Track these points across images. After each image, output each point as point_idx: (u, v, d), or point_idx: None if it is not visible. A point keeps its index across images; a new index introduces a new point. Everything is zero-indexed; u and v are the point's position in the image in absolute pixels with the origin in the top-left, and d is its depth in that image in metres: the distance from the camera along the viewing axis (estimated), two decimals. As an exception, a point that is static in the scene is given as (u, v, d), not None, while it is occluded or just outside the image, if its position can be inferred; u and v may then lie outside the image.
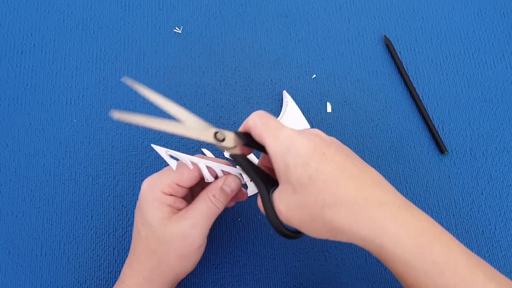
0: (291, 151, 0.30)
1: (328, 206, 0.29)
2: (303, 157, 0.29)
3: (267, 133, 0.31)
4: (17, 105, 0.47)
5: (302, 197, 0.29)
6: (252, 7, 0.51)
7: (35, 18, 0.50)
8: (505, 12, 0.52)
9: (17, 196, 0.44)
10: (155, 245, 0.34)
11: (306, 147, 0.30)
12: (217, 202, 0.35)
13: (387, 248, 0.28)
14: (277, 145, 0.31)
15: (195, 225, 0.34)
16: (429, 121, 0.47)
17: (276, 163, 0.31)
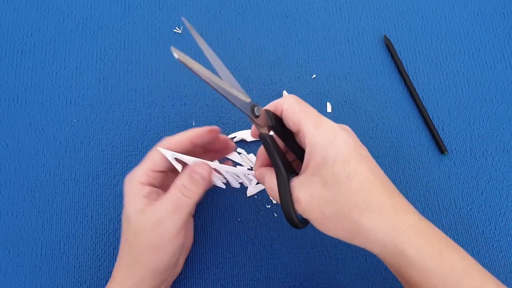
0: (334, 145, 0.29)
1: (359, 208, 0.29)
2: (344, 155, 0.29)
3: (307, 120, 0.30)
4: (17, 105, 0.47)
5: (332, 193, 0.29)
6: (252, 7, 0.51)
7: (35, 18, 0.50)
8: (505, 12, 0.52)
9: (17, 196, 0.44)
10: (132, 238, 0.34)
11: (347, 144, 0.30)
12: (187, 192, 0.34)
13: (408, 255, 0.29)
14: (318, 135, 0.30)
15: (166, 215, 0.33)
16: (429, 121, 0.47)
17: (313, 154, 0.30)
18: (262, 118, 0.32)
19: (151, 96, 0.47)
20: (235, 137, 0.46)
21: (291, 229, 0.44)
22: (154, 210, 0.33)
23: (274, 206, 0.44)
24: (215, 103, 0.47)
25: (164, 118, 0.47)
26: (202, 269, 0.43)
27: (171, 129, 0.46)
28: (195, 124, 0.47)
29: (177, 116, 0.47)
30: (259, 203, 0.44)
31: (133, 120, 0.47)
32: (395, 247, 0.29)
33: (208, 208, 0.44)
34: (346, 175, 0.29)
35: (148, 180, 0.35)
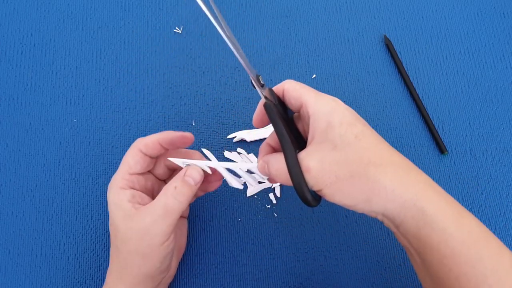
0: (337, 110, 0.30)
1: (374, 164, 0.28)
2: (349, 118, 0.30)
3: (308, 94, 0.31)
4: (17, 105, 0.47)
5: (343, 153, 0.29)
6: (252, 7, 0.51)
7: (35, 18, 0.50)
8: (505, 12, 0.52)
9: (17, 196, 0.44)
10: (120, 245, 0.33)
11: (350, 111, 0.31)
12: (179, 195, 0.33)
13: (429, 214, 0.28)
14: (320, 104, 0.30)
15: (154, 221, 0.32)
16: (429, 121, 0.47)
17: (318, 121, 0.30)
18: (266, 92, 0.32)
19: (151, 96, 0.47)
20: (235, 137, 0.46)
21: (291, 229, 0.44)
22: (141, 216, 0.32)
23: (274, 206, 0.44)
24: (215, 103, 0.47)
25: (164, 118, 0.47)
26: (202, 269, 0.43)
27: (171, 129, 0.46)
28: (195, 124, 0.47)
29: (177, 116, 0.47)
30: (259, 203, 0.44)
31: (133, 120, 0.47)
32: (414, 205, 0.28)
33: (208, 208, 0.44)
34: (354, 135, 0.29)
35: (127, 184, 0.34)
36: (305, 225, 0.44)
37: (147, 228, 0.32)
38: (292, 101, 0.32)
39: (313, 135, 0.30)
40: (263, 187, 0.45)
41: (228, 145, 0.46)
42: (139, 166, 0.35)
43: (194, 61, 0.49)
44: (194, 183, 0.34)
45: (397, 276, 0.43)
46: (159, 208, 0.32)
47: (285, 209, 0.44)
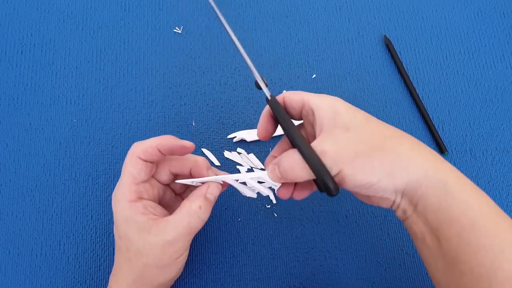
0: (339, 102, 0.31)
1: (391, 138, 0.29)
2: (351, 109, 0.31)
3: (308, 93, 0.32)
4: (17, 105, 0.47)
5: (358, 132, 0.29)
6: (252, 7, 0.51)
7: (35, 18, 0.50)
8: (505, 12, 0.52)
9: (17, 196, 0.44)
10: (135, 257, 0.33)
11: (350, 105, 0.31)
12: (203, 215, 0.33)
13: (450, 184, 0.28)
14: (322, 98, 0.31)
15: (177, 237, 0.32)
16: (429, 121, 0.47)
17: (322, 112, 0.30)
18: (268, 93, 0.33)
19: (151, 96, 0.47)
20: (235, 137, 0.46)
21: (291, 229, 0.44)
22: (162, 231, 0.32)
23: (274, 206, 0.44)
24: (215, 103, 0.47)
25: (164, 118, 0.47)
26: (202, 269, 0.43)
27: (171, 129, 0.46)
28: (195, 124, 0.47)
29: (177, 116, 0.47)
30: (259, 203, 0.44)
31: (133, 120, 0.47)
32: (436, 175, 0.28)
33: (208, 208, 0.44)
34: (363, 117, 0.30)
35: (136, 195, 0.33)
36: (305, 225, 0.44)
37: (169, 243, 0.32)
38: (294, 104, 0.32)
39: (321, 126, 0.30)
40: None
41: (228, 145, 0.46)
42: (143, 173, 0.34)
43: (194, 61, 0.49)
44: (214, 199, 0.35)
45: (397, 276, 0.43)
46: (182, 226, 0.33)
47: (285, 209, 0.44)
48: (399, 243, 0.44)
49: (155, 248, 0.32)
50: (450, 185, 0.28)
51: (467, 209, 0.28)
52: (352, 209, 0.45)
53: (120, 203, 0.33)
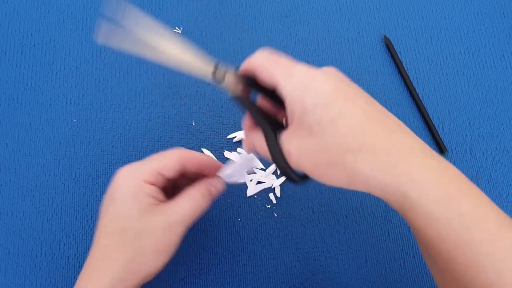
0: (310, 90, 0.27)
1: (351, 151, 0.26)
2: (324, 97, 0.27)
3: (279, 72, 0.28)
4: (17, 105, 0.47)
5: (320, 140, 0.27)
6: (252, 7, 0.51)
7: (35, 18, 0.50)
8: (505, 12, 0.52)
9: (17, 196, 0.44)
10: (132, 239, 0.32)
11: (327, 85, 0.27)
12: (203, 202, 0.34)
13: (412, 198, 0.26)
14: (292, 84, 0.28)
15: (179, 220, 0.33)
16: (429, 121, 0.47)
17: (291, 105, 0.28)
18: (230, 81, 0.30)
19: (151, 96, 0.47)
20: (235, 137, 0.46)
21: (291, 229, 0.44)
22: (167, 213, 0.32)
23: (274, 206, 0.44)
24: (215, 103, 0.47)
25: (164, 118, 0.47)
26: (201, 269, 0.43)
27: (171, 129, 0.46)
28: (195, 124, 0.47)
29: (177, 116, 0.47)
30: (259, 203, 0.44)
31: (133, 120, 0.47)
32: (397, 190, 0.26)
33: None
34: (330, 118, 0.26)
35: (153, 180, 0.33)
36: (305, 225, 0.44)
37: (171, 226, 0.32)
38: (266, 82, 0.29)
39: (291, 118, 0.28)
40: (263, 187, 0.45)
41: (228, 145, 0.46)
42: (173, 172, 0.34)
43: (194, 61, 0.49)
44: (216, 194, 0.36)
45: (397, 276, 0.43)
46: (185, 209, 0.33)
47: (285, 209, 0.44)
48: (399, 243, 0.44)
49: (157, 229, 0.32)
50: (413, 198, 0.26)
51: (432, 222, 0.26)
52: (352, 209, 0.45)
53: (133, 180, 0.33)
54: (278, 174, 0.45)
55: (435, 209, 0.25)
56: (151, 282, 0.42)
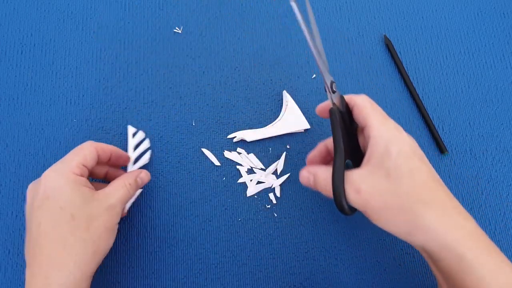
0: (398, 139, 0.31)
1: (423, 202, 0.30)
2: (408, 149, 0.31)
3: (375, 116, 0.33)
4: (17, 105, 0.47)
5: (396, 185, 0.30)
6: (252, 7, 0.51)
7: (35, 18, 0.50)
8: (505, 12, 0.52)
9: (17, 196, 0.44)
10: (85, 223, 0.35)
11: (411, 143, 0.32)
12: (131, 189, 0.39)
13: (467, 260, 0.29)
14: (384, 129, 0.32)
15: (117, 201, 0.37)
16: (429, 121, 0.47)
17: (375, 146, 0.31)
18: (337, 99, 0.35)
19: (151, 96, 0.47)
20: (235, 137, 0.46)
21: (291, 229, 0.44)
22: (105, 198, 0.36)
23: (274, 206, 0.44)
24: (215, 103, 0.47)
25: (164, 118, 0.47)
26: (202, 269, 0.43)
27: (171, 129, 0.46)
28: (195, 124, 0.47)
29: (177, 116, 0.47)
30: (259, 203, 0.44)
31: (133, 120, 0.47)
32: (454, 249, 0.29)
33: (208, 208, 0.44)
34: (409, 169, 0.30)
35: (81, 172, 0.37)
36: (305, 225, 0.44)
37: (112, 207, 0.37)
38: (360, 118, 0.34)
39: (370, 158, 0.32)
40: (263, 187, 0.45)
41: (228, 145, 0.46)
42: (93, 162, 0.38)
43: (194, 61, 0.49)
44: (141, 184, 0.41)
45: (397, 276, 0.43)
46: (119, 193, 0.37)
47: (285, 209, 0.44)
48: (399, 243, 0.44)
49: (103, 210, 0.36)
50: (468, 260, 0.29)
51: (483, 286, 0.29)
52: (352, 209, 0.45)
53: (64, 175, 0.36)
54: (278, 174, 0.45)
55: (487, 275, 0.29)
56: (152, 282, 0.42)
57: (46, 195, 0.35)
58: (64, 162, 0.37)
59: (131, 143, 0.44)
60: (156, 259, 0.43)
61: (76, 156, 0.37)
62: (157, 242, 0.43)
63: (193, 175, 0.45)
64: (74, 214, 0.35)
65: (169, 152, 0.46)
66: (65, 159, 0.37)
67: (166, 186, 0.45)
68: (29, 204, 0.36)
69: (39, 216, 0.35)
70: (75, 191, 0.35)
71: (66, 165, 0.36)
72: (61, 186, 0.35)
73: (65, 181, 0.35)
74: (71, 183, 0.35)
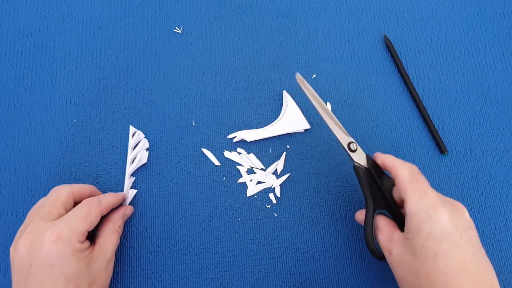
0: (431, 221, 0.31)
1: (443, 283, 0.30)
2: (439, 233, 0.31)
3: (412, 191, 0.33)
4: (17, 105, 0.47)
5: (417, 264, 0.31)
6: (252, 7, 0.51)
7: (35, 18, 0.50)
8: (505, 12, 0.52)
9: (17, 196, 0.44)
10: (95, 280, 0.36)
11: (446, 224, 0.31)
12: (120, 231, 0.40)
13: None
14: (419, 206, 0.32)
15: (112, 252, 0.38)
16: (429, 121, 0.47)
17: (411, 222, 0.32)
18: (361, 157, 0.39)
19: (151, 96, 0.47)
20: (235, 137, 0.46)
21: (291, 229, 0.44)
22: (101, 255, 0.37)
23: (274, 206, 0.44)
24: (215, 103, 0.47)
25: (164, 118, 0.47)
26: (201, 269, 0.43)
27: (171, 129, 0.46)
28: (195, 124, 0.47)
29: (177, 116, 0.47)
30: (259, 203, 0.44)
31: (133, 120, 0.47)
32: None
33: (208, 208, 0.44)
34: (434, 253, 0.31)
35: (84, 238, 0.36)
36: (305, 225, 0.44)
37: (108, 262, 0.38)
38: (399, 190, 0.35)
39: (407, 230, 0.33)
40: (263, 187, 0.45)
41: (228, 145, 0.46)
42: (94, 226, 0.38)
43: (194, 61, 0.49)
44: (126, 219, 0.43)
45: (397, 276, 0.43)
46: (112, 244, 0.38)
47: (285, 209, 0.44)
48: (399, 243, 0.44)
49: (101, 270, 0.37)
50: None
51: None
52: (352, 209, 0.45)
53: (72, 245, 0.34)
54: (278, 174, 0.45)
55: None
56: (152, 282, 0.42)
57: (51, 263, 0.33)
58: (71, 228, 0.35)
59: (131, 143, 0.44)
60: (156, 259, 0.43)
61: (84, 222, 0.36)
62: (157, 242, 0.43)
63: (193, 175, 0.45)
64: (78, 284, 0.34)
65: (169, 152, 0.46)
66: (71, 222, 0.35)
67: (166, 186, 0.45)
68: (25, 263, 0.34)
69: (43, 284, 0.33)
70: (80, 260, 0.35)
71: (73, 233, 0.34)
72: (68, 256, 0.34)
73: (72, 251, 0.34)
74: (77, 253, 0.34)
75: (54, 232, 0.34)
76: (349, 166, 0.46)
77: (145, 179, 0.45)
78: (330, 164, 0.46)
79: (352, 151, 0.39)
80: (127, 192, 0.44)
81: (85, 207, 0.37)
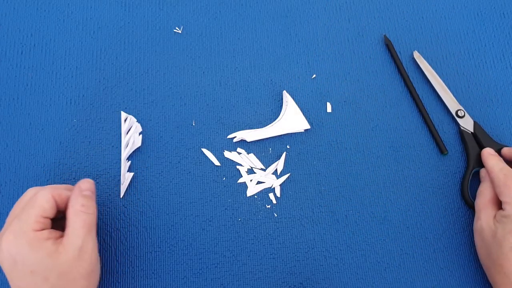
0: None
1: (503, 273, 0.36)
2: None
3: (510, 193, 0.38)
4: (17, 105, 0.47)
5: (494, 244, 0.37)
6: (252, 7, 0.51)
7: (35, 18, 0.50)
8: (505, 12, 0.52)
9: (17, 196, 0.44)
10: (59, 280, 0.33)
11: None
12: (88, 209, 0.36)
13: None
14: None
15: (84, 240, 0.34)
16: (429, 121, 0.47)
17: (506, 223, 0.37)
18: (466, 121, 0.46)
19: (151, 96, 0.47)
20: (235, 137, 0.46)
21: (291, 229, 0.44)
22: (69, 244, 0.34)
23: (274, 206, 0.44)
24: (215, 103, 0.47)
25: (164, 118, 0.47)
26: (201, 269, 0.43)
27: (171, 129, 0.46)
28: (195, 124, 0.47)
29: (177, 116, 0.47)
30: (259, 203, 0.44)
31: (133, 120, 0.47)
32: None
33: (208, 208, 0.44)
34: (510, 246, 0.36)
35: (41, 226, 0.34)
36: (305, 225, 0.44)
37: (82, 249, 0.34)
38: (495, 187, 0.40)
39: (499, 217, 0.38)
40: (263, 187, 0.45)
41: (228, 145, 0.46)
42: (53, 210, 0.35)
43: (194, 61, 0.49)
44: (91, 193, 0.37)
45: (397, 276, 0.43)
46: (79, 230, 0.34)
47: (285, 209, 0.44)
48: (399, 243, 0.44)
49: (72, 261, 0.33)
50: None
51: None
52: (352, 209, 0.45)
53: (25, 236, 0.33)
54: (278, 174, 0.45)
55: None
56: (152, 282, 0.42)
57: (13, 259, 0.33)
58: (21, 220, 0.33)
59: (124, 128, 0.45)
60: (156, 259, 0.43)
61: (33, 209, 0.34)
62: (157, 242, 0.43)
63: (193, 175, 0.45)
64: (47, 276, 0.33)
65: (169, 152, 0.46)
66: (22, 216, 0.34)
67: (166, 186, 0.45)
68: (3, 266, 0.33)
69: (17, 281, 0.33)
70: (40, 251, 0.33)
71: (24, 223, 0.33)
72: (24, 249, 0.33)
73: (27, 242, 0.33)
74: (34, 243, 0.33)
75: (8, 229, 0.33)
76: (350, 166, 0.46)
77: (145, 179, 0.45)
78: (330, 164, 0.46)
79: (460, 117, 0.46)
80: (124, 175, 0.43)
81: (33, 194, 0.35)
